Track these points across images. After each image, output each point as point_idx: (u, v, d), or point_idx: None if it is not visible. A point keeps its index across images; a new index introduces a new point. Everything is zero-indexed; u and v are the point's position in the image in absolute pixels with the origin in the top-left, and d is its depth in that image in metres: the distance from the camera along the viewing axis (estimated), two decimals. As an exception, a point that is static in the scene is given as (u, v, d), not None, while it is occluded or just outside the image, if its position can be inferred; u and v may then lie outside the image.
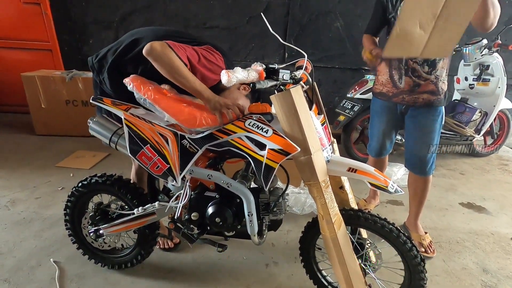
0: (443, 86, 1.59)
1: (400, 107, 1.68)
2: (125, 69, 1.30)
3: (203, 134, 1.11)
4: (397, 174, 2.64)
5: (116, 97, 1.32)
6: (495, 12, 1.29)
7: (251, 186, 1.24)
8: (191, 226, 1.27)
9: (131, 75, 1.23)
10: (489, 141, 3.36)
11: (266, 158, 1.02)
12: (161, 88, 1.23)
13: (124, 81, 1.21)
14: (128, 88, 1.20)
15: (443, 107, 1.63)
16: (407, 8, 1.12)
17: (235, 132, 1.07)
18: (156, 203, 1.30)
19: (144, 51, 1.10)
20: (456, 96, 3.17)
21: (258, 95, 1.33)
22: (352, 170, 1.08)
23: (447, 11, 1.09)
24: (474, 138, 2.98)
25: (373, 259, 1.34)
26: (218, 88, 1.27)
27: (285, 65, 1.04)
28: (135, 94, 1.20)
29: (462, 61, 3.01)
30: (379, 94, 1.75)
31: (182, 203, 1.22)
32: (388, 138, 1.86)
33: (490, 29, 1.34)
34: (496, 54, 2.83)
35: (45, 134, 3.25)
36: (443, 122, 1.65)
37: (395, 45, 1.16)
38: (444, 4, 1.07)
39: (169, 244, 1.68)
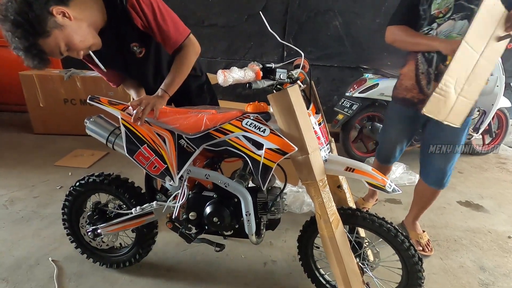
0: None
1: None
2: None
3: (201, 134, 1.11)
4: (396, 173, 2.64)
5: None
6: None
7: (249, 186, 1.24)
8: (189, 225, 1.27)
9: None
10: (488, 139, 3.37)
11: (264, 157, 1.02)
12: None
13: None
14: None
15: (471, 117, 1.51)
16: (454, 66, 1.18)
17: (232, 132, 1.06)
18: (154, 202, 1.30)
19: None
20: (455, 94, 3.16)
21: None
22: (349, 169, 1.08)
23: (473, 75, 1.21)
24: (472, 137, 2.98)
25: (371, 258, 1.34)
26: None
27: (282, 64, 1.03)
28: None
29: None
30: (401, 100, 1.60)
31: (180, 202, 1.22)
32: (399, 147, 1.76)
33: None
34: (495, 53, 2.83)
35: (43, 133, 3.24)
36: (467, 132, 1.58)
37: (434, 104, 1.24)
38: (473, 69, 1.20)
39: None
